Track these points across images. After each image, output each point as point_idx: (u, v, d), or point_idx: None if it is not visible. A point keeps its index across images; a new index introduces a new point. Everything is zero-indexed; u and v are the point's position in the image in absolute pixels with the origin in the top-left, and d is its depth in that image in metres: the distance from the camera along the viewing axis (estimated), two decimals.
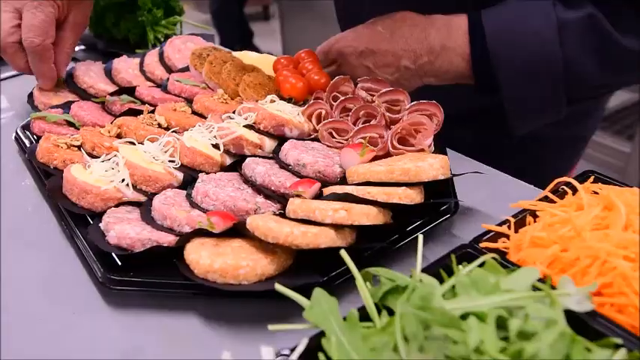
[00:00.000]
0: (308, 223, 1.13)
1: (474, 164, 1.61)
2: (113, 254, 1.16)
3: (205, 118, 1.74)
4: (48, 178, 1.47)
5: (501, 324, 0.77)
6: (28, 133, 1.75)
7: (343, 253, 0.93)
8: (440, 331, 0.74)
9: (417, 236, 0.99)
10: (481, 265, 0.94)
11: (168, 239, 1.17)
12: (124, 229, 1.17)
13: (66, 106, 1.81)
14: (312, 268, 1.11)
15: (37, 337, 1.09)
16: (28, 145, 1.69)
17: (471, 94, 1.74)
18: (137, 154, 1.45)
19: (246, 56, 2.18)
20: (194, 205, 1.30)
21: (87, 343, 1.06)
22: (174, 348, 1.04)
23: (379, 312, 0.86)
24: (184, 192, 1.37)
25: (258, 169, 1.38)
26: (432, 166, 1.24)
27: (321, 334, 0.82)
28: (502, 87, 1.63)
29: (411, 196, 1.20)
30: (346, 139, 1.55)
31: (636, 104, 4.81)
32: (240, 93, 1.83)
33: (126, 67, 2.04)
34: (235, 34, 8.14)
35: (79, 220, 1.32)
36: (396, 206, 1.19)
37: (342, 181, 1.38)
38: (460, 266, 0.93)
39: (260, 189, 1.36)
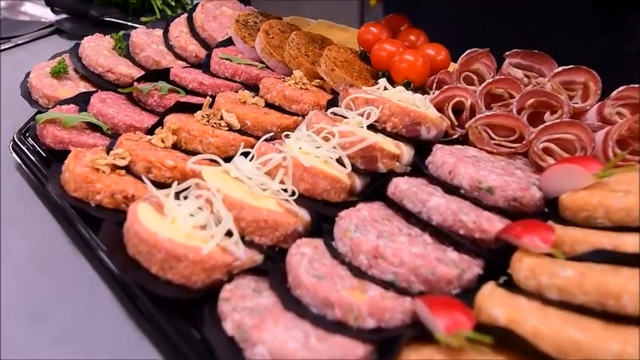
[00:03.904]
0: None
1: None
2: None
3: (286, 112, 1.16)
4: (87, 221, 0.89)
5: None
6: (31, 141, 1.13)
7: None
8: None
9: None
10: None
11: (357, 353, 0.62)
12: (281, 341, 0.62)
13: (80, 100, 1.20)
14: None
15: None
16: (33, 161, 1.08)
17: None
18: (229, 180, 0.88)
19: (303, 22, 1.60)
20: (356, 271, 0.75)
21: None
22: None
23: None
24: (320, 242, 0.82)
25: (432, 201, 0.83)
26: None
27: None
28: None
29: None
30: (514, 140, 1.02)
31: None
32: (324, 74, 1.26)
33: (148, 41, 1.42)
34: None
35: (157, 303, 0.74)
36: None
37: (553, 214, 0.85)
38: None
39: (438, 232, 0.82)
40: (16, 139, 1.15)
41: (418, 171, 0.99)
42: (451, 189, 0.90)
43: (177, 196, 0.86)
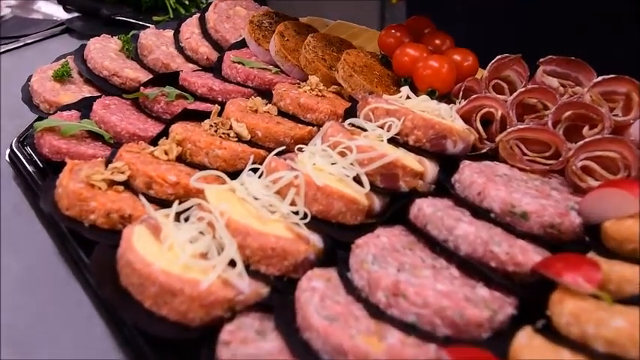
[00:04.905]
0: None
1: None
2: None
3: (301, 122, 1.08)
4: (81, 241, 0.81)
5: None
6: (29, 150, 1.06)
7: None
8: None
9: None
10: None
11: None
12: None
13: (83, 106, 1.12)
14: None
15: None
16: (31, 171, 1.01)
17: None
18: (234, 200, 0.79)
19: (321, 23, 1.51)
20: (373, 309, 0.66)
21: None
22: None
23: None
24: (334, 273, 0.73)
25: (460, 229, 0.74)
26: None
27: None
28: None
29: None
30: (549, 157, 0.92)
31: None
32: (341, 80, 1.17)
33: (157, 42, 1.34)
34: None
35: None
36: None
37: (595, 243, 0.75)
38: None
39: (467, 264, 0.72)
40: (14, 148, 1.08)
41: (443, 189, 0.89)
42: (480, 212, 0.81)
43: (177, 216, 0.77)
